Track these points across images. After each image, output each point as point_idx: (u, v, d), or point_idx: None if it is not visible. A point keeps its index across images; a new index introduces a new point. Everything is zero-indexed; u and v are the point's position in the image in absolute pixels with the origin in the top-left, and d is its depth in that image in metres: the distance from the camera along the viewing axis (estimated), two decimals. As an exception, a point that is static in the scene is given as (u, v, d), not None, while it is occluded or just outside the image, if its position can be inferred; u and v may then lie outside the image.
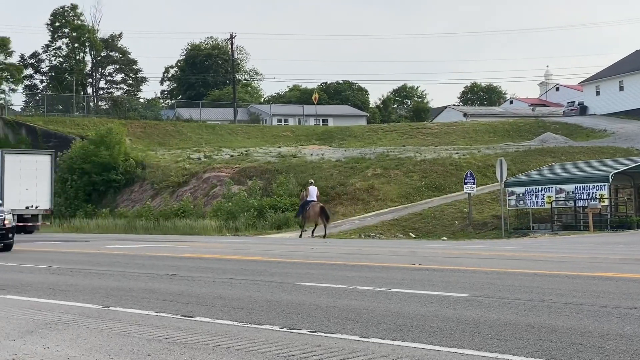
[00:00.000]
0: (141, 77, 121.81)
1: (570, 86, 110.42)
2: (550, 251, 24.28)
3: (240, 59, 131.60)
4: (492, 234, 39.51)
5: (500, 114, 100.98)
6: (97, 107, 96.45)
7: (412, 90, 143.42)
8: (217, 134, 78.05)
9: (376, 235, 40.57)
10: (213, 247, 28.83)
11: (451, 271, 16.08)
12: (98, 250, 25.80)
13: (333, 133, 79.18)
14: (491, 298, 11.25)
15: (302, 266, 17.91)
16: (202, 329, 8.74)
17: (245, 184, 53.00)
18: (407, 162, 53.29)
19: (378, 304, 10.79)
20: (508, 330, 8.45)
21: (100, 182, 60.64)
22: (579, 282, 13.31)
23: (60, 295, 12.43)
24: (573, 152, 55.97)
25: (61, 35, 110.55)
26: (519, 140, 67.98)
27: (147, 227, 49.74)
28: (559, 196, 41.05)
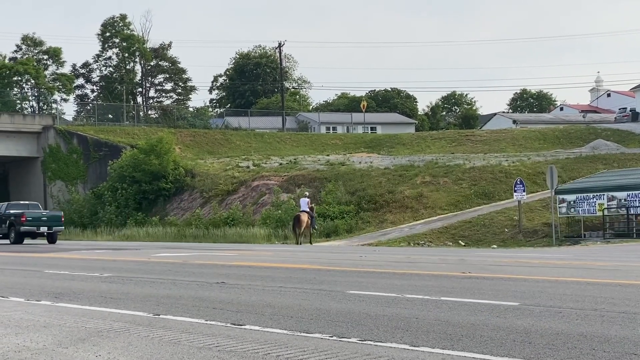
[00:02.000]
0: (190, 86, 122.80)
1: (621, 92, 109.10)
2: (602, 259, 23.98)
3: (288, 67, 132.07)
4: (543, 242, 39.14)
5: (550, 120, 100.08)
6: (146, 116, 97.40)
7: (460, 97, 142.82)
8: (265, 142, 78.34)
9: (425, 243, 40.41)
10: (262, 255, 28.92)
11: (501, 279, 15.95)
12: (148, 259, 26.01)
13: (381, 141, 79.04)
14: (542, 307, 11.14)
15: (350, 274, 17.88)
16: (252, 337, 8.76)
17: (294, 192, 53.11)
18: (456, 170, 53.01)
19: (427, 312, 10.73)
20: (560, 339, 8.35)
21: (150, 190, 61.19)
22: (632, 291, 13.12)
23: (112, 303, 12.55)
24: (625, 159, 55.23)
25: (111, 45, 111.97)
26: (569, 147, 67.26)
27: (196, 235, 50.07)
28: (610, 204, 40.54)
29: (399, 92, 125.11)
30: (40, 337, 9.02)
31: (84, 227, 61.22)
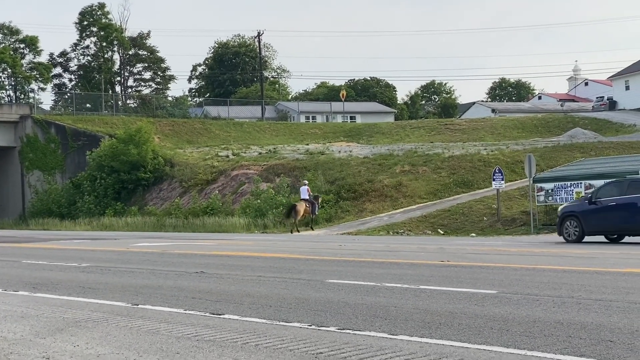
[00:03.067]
0: (169, 76, 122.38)
1: (599, 81, 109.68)
2: (579, 247, 24.14)
3: (267, 57, 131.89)
4: (521, 230, 39.33)
5: (529, 109, 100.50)
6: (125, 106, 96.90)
7: (440, 86, 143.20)
8: (244, 132, 78.20)
9: (404, 232, 40.51)
10: (241, 244, 28.92)
11: (480, 268, 16.03)
12: (127, 249, 25.94)
13: (361, 130, 79.09)
14: (520, 295, 11.21)
15: (330, 263, 17.92)
16: (231, 327, 8.76)
17: (274, 182, 53.06)
18: (435, 159, 53.14)
19: (406, 301, 10.78)
20: (537, 327, 8.41)
21: (129, 180, 60.99)
22: (609, 279, 13.23)
23: (90, 293, 12.52)
24: (602, 148, 55.52)
25: (89, 34, 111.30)
26: (547, 135, 67.54)
27: (175, 225, 49.97)
28: (588, 192, 40.74)
29: (379, 81, 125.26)
30: (17, 327, 8.99)
31: (63, 217, 60.97)
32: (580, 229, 28.96)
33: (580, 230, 28.97)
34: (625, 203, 27.57)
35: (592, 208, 28.83)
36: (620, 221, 27.89)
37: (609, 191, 29.26)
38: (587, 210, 29.01)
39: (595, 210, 28.63)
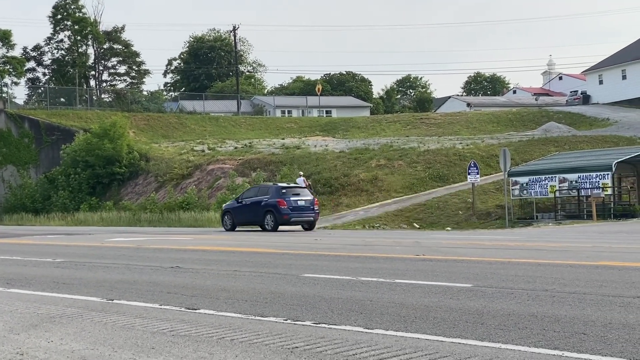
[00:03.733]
0: (144, 70, 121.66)
1: (573, 75, 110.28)
2: (553, 241, 24.28)
3: (243, 51, 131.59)
4: (496, 223, 39.52)
5: (504, 103, 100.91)
6: (100, 100, 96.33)
7: (415, 80, 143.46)
8: (220, 126, 78.02)
9: (380, 226, 40.59)
10: (217, 239, 28.89)
11: (455, 261, 16.09)
12: (102, 244, 25.84)
13: (336, 124, 79.12)
14: (495, 288, 11.26)
15: (305, 258, 17.92)
16: (206, 322, 8.75)
17: (249, 176, 53.01)
18: (411, 153, 53.27)
19: (382, 295, 10.80)
20: (511, 320, 8.46)
21: (104, 174, 60.77)
22: (582, 272, 13.31)
23: (64, 288, 12.46)
24: (576, 142, 55.90)
25: (63, 27, 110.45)
26: (522, 129, 67.86)
27: (151, 220, 49.83)
28: (562, 185, 41.02)
29: (354, 76, 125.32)
30: (-9, 323, 8.92)
31: (37, 212, 60.59)
32: (232, 221, 38.95)
33: (232, 222, 38.94)
34: (254, 202, 37.89)
35: (239, 206, 38.94)
36: (252, 216, 37.99)
37: (248, 194, 39.56)
38: (236, 207, 39.17)
39: (240, 208, 38.76)
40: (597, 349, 6.96)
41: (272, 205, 36.91)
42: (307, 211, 37.28)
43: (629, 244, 22.02)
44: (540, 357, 6.70)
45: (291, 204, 36.85)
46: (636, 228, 32.09)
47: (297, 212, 37.04)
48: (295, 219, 37.23)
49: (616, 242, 22.94)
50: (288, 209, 36.68)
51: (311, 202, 37.50)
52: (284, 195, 37.10)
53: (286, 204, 36.73)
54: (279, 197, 37.01)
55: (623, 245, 21.35)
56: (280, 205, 36.67)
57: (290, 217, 36.91)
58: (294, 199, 37.17)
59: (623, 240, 23.71)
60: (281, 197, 36.98)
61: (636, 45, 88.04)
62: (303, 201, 37.32)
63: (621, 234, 28.47)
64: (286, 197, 37.07)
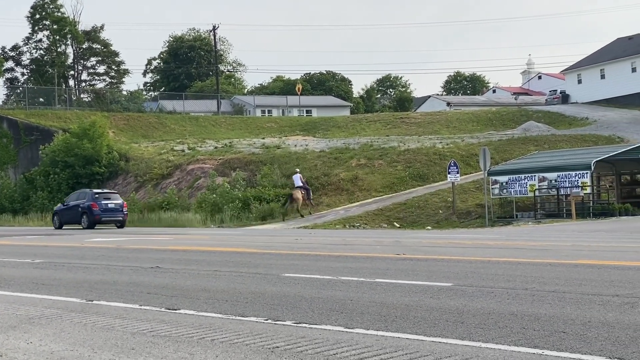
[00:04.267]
0: (124, 70, 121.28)
1: (552, 75, 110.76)
2: (533, 239, 24.39)
3: (223, 51, 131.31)
4: (476, 222, 39.63)
5: (484, 103, 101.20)
6: (79, 100, 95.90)
7: (395, 80, 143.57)
8: (200, 126, 77.84)
9: (361, 225, 40.62)
10: (197, 239, 28.82)
11: (435, 261, 16.13)
12: (81, 244, 25.73)
13: (317, 124, 79.09)
14: (475, 287, 11.29)
15: (286, 257, 17.92)
16: (187, 322, 8.73)
17: (230, 176, 52.93)
18: (391, 152, 53.34)
19: (362, 294, 10.81)
20: (491, 319, 8.48)
21: (83, 175, 60.49)
22: (562, 270, 13.37)
23: (44, 289, 12.39)
24: (556, 141, 56.16)
25: (42, 27, 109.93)
26: (502, 129, 68.08)
27: (131, 220, 49.56)
28: (541, 184, 41.18)
29: (334, 75, 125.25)
30: (-30, 325, 8.86)
31: (15, 212, 60.23)
32: (60, 221, 45.97)
33: (60, 222, 45.93)
34: (74, 205, 45.21)
35: (64, 208, 46.22)
36: (73, 216, 44.97)
37: (71, 198, 47.08)
38: (62, 209, 46.35)
39: (65, 210, 46.10)
40: (576, 347, 6.99)
41: (87, 207, 44.03)
42: (116, 212, 44.34)
43: (608, 242, 22.15)
44: (520, 355, 6.72)
45: (102, 206, 43.92)
46: (615, 227, 32.28)
47: (108, 213, 44.17)
48: (106, 219, 44.28)
49: (595, 240, 23.06)
50: (99, 211, 43.72)
51: (120, 205, 44.51)
52: (97, 200, 44.19)
53: (98, 207, 43.77)
54: (93, 200, 44.06)
55: (602, 243, 21.47)
56: (93, 208, 43.75)
57: (102, 217, 44.01)
58: (105, 202, 44.28)
59: (602, 239, 23.85)
60: (94, 200, 44.04)
61: (615, 44, 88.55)
62: (113, 204, 44.40)
63: (600, 232, 28.63)
64: (98, 200, 44.15)
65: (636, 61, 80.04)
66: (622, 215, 38.73)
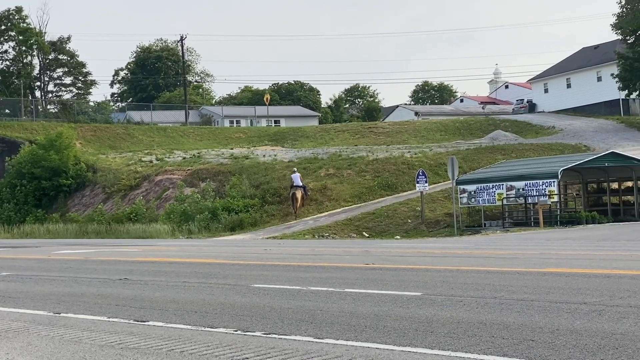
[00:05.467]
0: (91, 80, 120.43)
1: (519, 84, 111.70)
2: (501, 248, 24.51)
3: (190, 61, 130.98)
4: (445, 232, 39.77)
5: (451, 112, 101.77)
6: (45, 111, 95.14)
7: (363, 89, 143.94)
8: (168, 137, 77.57)
9: (330, 235, 40.63)
10: (166, 250, 28.68)
11: (404, 270, 16.17)
12: (49, 256, 25.50)
13: (285, 134, 79.09)
14: (444, 296, 11.32)
15: (255, 268, 17.88)
16: (156, 334, 8.68)
17: (198, 186, 52.74)
18: (360, 162, 53.41)
19: (332, 304, 10.81)
20: (461, 327, 8.51)
21: (50, 186, 59.97)
22: (530, 279, 13.45)
23: (10, 302, 12.27)
24: (523, 149, 56.53)
25: (7, 38, 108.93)
26: (470, 138, 68.47)
27: (98, 232, 49.30)
28: (509, 193, 41.41)
29: (302, 85, 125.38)
30: None
31: (-20, 225, 59.60)
32: None
33: None
34: None
35: None
36: None
37: None
38: None
39: None
40: (545, 355, 7.03)
41: None
42: None
43: (575, 250, 22.31)
44: (490, 364, 6.75)
45: None
46: (582, 234, 32.53)
47: None
48: None
49: (563, 248, 23.23)
50: None
51: None
52: None
53: None
54: None
55: (569, 252, 21.63)
56: None
57: None
58: None
59: (569, 247, 24.02)
60: None
61: (580, 54, 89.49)
62: None
63: (567, 240, 28.84)
64: None
65: (602, 70, 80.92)
66: (589, 224, 39.02)
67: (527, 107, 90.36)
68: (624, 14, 68.98)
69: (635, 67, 68.08)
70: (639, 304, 10.01)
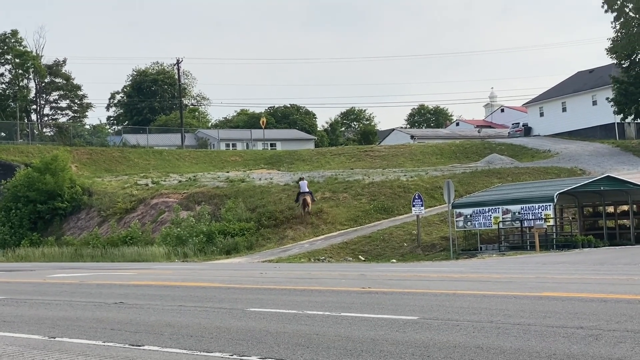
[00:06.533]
0: (87, 103, 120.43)
1: (514, 108, 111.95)
2: (497, 272, 24.47)
3: (187, 84, 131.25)
4: (441, 255, 39.73)
5: (447, 135, 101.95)
6: (41, 134, 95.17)
7: (359, 113, 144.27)
8: (164, 160, 77.57)
9: (326, 258, 40.57)
10: (161, 273, 28.59)
11: (401, 294, 16.12)
12: (44, 280, 25.40)
13: (281, 157, 79.15)
14: (440, 320, 11.29)
15: (251, 292, 17.83)
16: (151, 358, 8.64)
17: (194, 210, 52.71)
18: (356, 185, 53.44)
19: (328, 328, 10.77)
20: (457, 352, 8.48)
21: (45, 210, 59.90)
22: (526, 303, 13.41)
23: (5, 326, 12.21)
24: (519, 173, 56.62)
25: (3, 62, 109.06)
26: (465, 161, 68.56)
27: (94, 255, 49.20)
28: (505, 217, 41.43)
29: (298, 109, 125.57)
30: None
31: (-25, 248, 59.45)
32: None
33: None
34: None
35: None
36: None
37: None
38: None
39: None
40: (542, 380, 7.00)
41: None
42: None
43: (572, 274, 22.28)
44: (487, 389, 6.72)
45: None
46: (578, 258, 32.49)
47: None
48: None
49: (559, 272, 23.19)
50: None
51: None
52: None
53: None
54: None
55: (566, 275, 21.59)
56: None
57: None
58: None
59: (566, 271, 23.99)
60: None
61: (575, 78, 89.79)
62: None
63: (564, 264, 28.80)
64: None
65: (597, 94, 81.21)
66: (585, 247, 39.02)
67: (523, 131, 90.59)
68: (619, 39, 69.34)
69: (630, 92, 68.38)
70: (635, 328, 9.99)
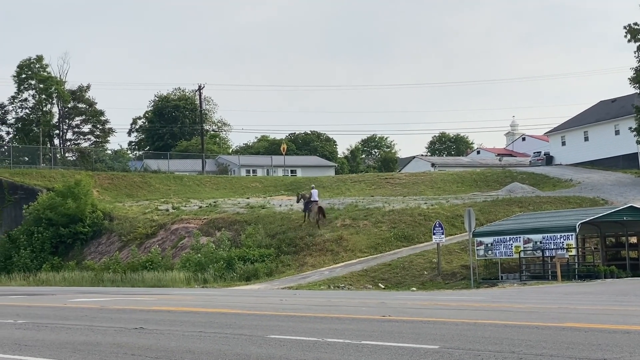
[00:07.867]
0: (109, 129, 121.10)
1: (536, 136, 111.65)
2: (519, 302, 24.32)
3: (208, 110, 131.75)
4: (461, 284, 39.55)
5: (468, 163, 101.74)
6: (64, 159, 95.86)
7: (380, 140, 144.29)
8: (185, 185, 77.83)
9: (345, 286, 40.46)
10: (181, 299, 28.60)
11: (421, 322, 16.04)
12: (65, 304, 25.47)
13: (301, 183, 79.17)
14: (462, 350, 11.22)
15: (271, 318, 17.79)
16: (171, 385, 8.62)
17: (214, 235, 52.77)
18: (376, 213, 53.34)
19: (348, 356, 10.72)
20: (479, 382, 8.41)
21: (67, 234, 60.15)
22: (549, 333, 13.32)
23: (26, 351, 12.23)
24: (540, 202, 56.33)
25: (27, 87, 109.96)
26: (486, 190, 68.35)
27: (114, 280, 49.26)
28: (526, 246, 41.23)
29: (319, 135, 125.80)
30: (-50, 387, 8.73)
31: (-2, 271, 59.71)
32: None
33: None
34: None
35: None
36: None
37: None
38: None
39: None
40: (566, 412, 6.93)
41: None
42: None
43: (594, 305, 22.11)
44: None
45: None
46: (601, 289, 32.25)
47: None
48: None
49: (581, 303, 23.02)
50: None
51: None
52: None
53: None
54: None
55: (588, 306, 21.43)
56: None
57: None
58: None
59: (588, 302, 23.81)
60: None
61: (598, 107, 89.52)
62: None
63: (586, 294, 28.60)
64: None
65: (619, 124, 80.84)
66: (608, 278, 38.73)
67: (545, 160, 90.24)
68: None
69: (652, 121, 67.96)
70: (660, 360, 9.88)
